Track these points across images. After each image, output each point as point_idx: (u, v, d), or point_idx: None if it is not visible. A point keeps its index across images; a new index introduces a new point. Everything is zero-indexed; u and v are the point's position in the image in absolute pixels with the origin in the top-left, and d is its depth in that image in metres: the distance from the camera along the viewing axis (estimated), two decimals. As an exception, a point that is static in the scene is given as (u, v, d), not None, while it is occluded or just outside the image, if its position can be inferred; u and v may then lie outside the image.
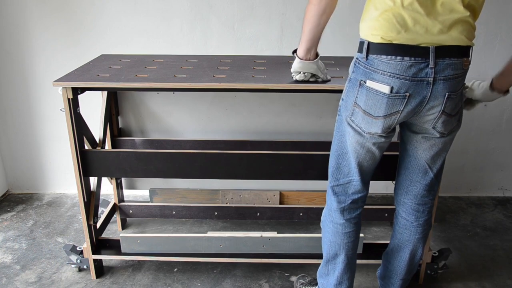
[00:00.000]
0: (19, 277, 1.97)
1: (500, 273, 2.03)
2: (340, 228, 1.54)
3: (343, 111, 1.40)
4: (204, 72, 1.80)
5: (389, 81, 1.25)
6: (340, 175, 1.50)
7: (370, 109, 1.31)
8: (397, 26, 1.22)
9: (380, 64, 1.26)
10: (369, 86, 1.29)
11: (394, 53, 1.23)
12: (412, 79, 1.24)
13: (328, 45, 2.32)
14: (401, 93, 1.26)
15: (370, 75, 1.28)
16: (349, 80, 1.37)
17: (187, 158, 1.79)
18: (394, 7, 1.21)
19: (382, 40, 1.23)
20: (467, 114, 2.46)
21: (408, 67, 1.23)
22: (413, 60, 1.23)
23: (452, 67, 1.26)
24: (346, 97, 1.38)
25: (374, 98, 1.29)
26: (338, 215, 1.53)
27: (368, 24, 1.27)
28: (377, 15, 1.24)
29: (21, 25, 2.32)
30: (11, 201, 2.61)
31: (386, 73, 1.25)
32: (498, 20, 2.29)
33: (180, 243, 1.91)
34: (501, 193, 2.71)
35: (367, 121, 1.33)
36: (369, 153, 1.42)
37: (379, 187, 2.66)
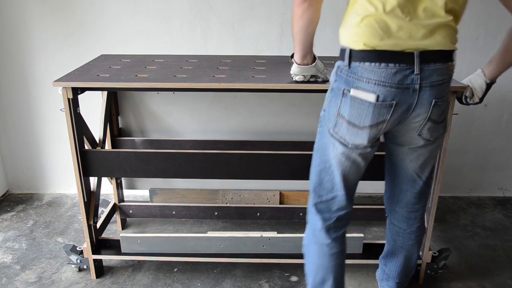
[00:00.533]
0: (19, 277, 1.97)
1: (500, 273, 2.03)
2: (326, 249, 1.45)
3: (325, 122, 1.34)
4: (204, 72, 1.80)
5: (375, 89, 1.21)
6: (324, 191, 1.41)
7: (355, 119, 1.25)
8: (380, 32, 1.18)
9: (364, 72, 1.21)
10: (353, 95, 1.23)
11: (378, 60, 1.19)
12: (398, 86, 1.20)
13: (328, 45, 2.32)
14: (387, 101, 1.21)
15: (354, 83, 1.23)
16: (331, 89, 1.31)
17: (187, 158, 1.79)
18: (376, 13, 1.17)
19: (365, 47, 1.19)
20: (467, 114, 2.47)
21: (393, 74, 1.19)
22: (398, 67, 1.19)
23: (438, 72, 1.23)
24: (328, 107, 1.32)
25: (360, 107, 1.23)
26: (324, 234, 1.44)
27: (349, 31, 1.23)
28: (358, 21, 1.20)
29: (21, 25, 2.32)
30: (11, 201, 2.61)
31: (371, 80, 1.20)
32: (498, 20, 2.29)
33: (180, 243, 1.91)
34: (501, 193, 2.71)
35: (352, 132, 1.28)
36: (355, 165, 1.35)
37: (379, 187, 2.65)
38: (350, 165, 1.35)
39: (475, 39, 2.32)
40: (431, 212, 1.82)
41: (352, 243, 1.91)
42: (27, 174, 2.65)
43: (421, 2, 1.17)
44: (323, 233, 1.44)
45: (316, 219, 1.45)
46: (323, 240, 1.45)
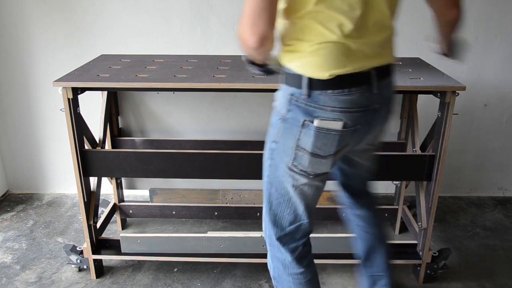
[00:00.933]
0: (19, 277, 1.97)
1: (500, 273, 2.03)
2: (301, 278, 1.36)
3: (279, 156, 1.22)
4: (204, 72, 1.80)
5: (341, 117, 1.13)
6: (286, 224, 1.32)
7: (319, 150, 1.17)
8: (341, 58, 1.10)
9: (327, 101, 1.12)
10: (318, 125, 1.14)
11: (341, 86, 1.11)
12: (360, 110, 1.15)
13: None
14: (353, 126, 1.16)
15: (315, 113, 1.13)
16: (284, 120, 1.19)
17: (187, 158, 1.79)
18: (335, 38, 1.08)
19: (328, 75, 1.10)
20: (467, 114, 2.47)
21: (357, 98, 1.13)
22: (359, 90, 1.13)
23: (389, 86, 1.22)
24: (282, 139, 1.21)
25: (325, 137, 1.15)
26: (295, 265, 1.35)
27: (307, 59, 1.11)
28: (316, 49, 1.10)
29: (21, 25, 2.32)
30: (11, 201, 2.61)
31: (336, 109, 1.12)
32: (498, 20, 2.29)
33: (180, 243, 1.91)
34: (501, 193, 2.71)
35: (315, 162, 1.19)
36: (317, 191, 1.29)
37: (379, 187, 2.65)
38: (312, 193, 1.29)
39: (475, 39, 2.32)
40: (431, 212, 1.82)
41: (352, 243, 1.91)
42: (27, 174, 2.65)
43: (372, 17, 1.11)
44: (294, 264, 1.36)
45: (283, 252, 1.35)
46: (296, 270, 1.36)
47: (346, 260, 1.92)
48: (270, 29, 1.05)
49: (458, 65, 2.37)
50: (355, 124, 1.16)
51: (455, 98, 1.65)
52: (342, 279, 1.97)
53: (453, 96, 1.64)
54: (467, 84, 2.03)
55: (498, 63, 2.38)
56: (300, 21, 1.09)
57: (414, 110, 2.00)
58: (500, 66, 2.38)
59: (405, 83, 1.67)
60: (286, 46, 1.16)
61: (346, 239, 1.91)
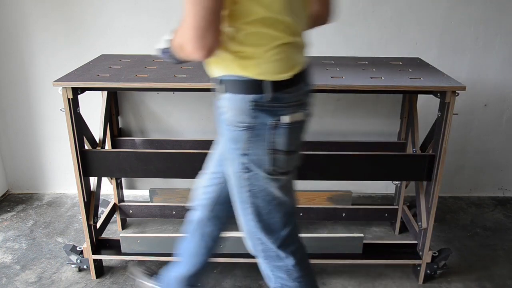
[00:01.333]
0: (19, 277, 1.97)
1: (500, 273, 2.03)
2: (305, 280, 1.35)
3: (255, 166, 1.18)
4: (204, 72, 1.79)
5: (303, 108, 1.20)
6: (281, 228, 1.29)
7: (292, 146, 1.18)
8: (296, 56, 1.15)
9: (291, 97, 1.15)
10: (287, 121, 1.15)
11: (298, 81, 1.17)
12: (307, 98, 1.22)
13: (328, 45, 2.32)
14: (309, 114, 1.23)
15: (282, 111, 1.14)
16: (250, 128, 1.15)
17: (187, 158, 1.79)
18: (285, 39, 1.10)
19: (288, 75, 1.13)
20: (467, 114, 2.47)
21: (305, 89, 1.20)
22: (305, 81, 1.20)
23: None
24: (253, 149, 1.16)
25: (295, 131, 1.18)
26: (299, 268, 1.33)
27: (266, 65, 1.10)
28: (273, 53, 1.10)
29: (20, 25, 2.32)
30: (11, 201, 2.61)
31: (297, 102, 1.17)
32: (498, 20, 2.29)
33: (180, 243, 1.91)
34: (501, 193, 2.71)
35: (290, 159, 1.21)
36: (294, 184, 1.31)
37: (379, 187, 2.66)
38: (293, 188, 1.30)
39: (475, 39, 2.32)
40: (431, 212, 1.82)
41: (352, 243, 1.91)
42: (27, 174, 2.65)
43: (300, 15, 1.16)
44: (298, 267, 1.32)
45: (285, 258, 1.31)
46: (299, 273, 1.33)
47: (346, 260, 1.92)
48: (218, 41, 1.03)
49: (458, 65, 2.37)
50: (309, 113, 1.23)
51: (455, 98, 1.65)
52: (342, 279, 1.97)
53: (453, 96, 1.64)
54: (467, 84, 2.04)
55: (498, 63, 2.38)
56: (248, 27, 1.07)
57: (414, 110, 2.00)
58: (500, 66, 2.38)
59: (405, 83, 1.67)
60: (234, 53, 1.11)
61: (346, 239, 1.91)
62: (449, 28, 2.30)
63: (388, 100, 2.36)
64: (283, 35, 1.10)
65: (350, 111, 2.40)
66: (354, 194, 2.60)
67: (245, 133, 1.15)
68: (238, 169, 1.20)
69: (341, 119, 2.41)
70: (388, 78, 1.73)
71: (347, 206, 2.30)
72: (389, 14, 2.27)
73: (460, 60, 2.36)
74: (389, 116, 2.37)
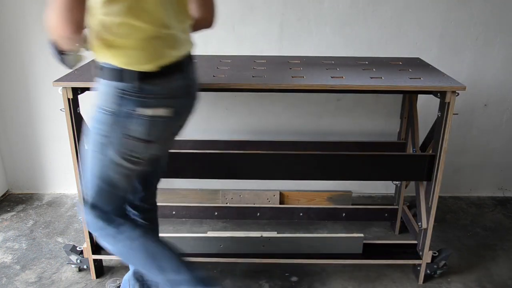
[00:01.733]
0: (19, 277, 1.97)
1: (500, 273, 2.03)
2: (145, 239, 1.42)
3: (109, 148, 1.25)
4: (204, 72, 1.80)
5: (170, 103, 1.23)
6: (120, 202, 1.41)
7: (149, 136, 1.24)
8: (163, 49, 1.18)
9: (157, 90, 1.20)
10: (148, 114, 1.20)
11: (167, 75, 1.20)
12: (183, 95, 1.27)
13: (328, 45, 2.32)
14: (178, 111, 1.27)
15: (145, 103, 1.20)
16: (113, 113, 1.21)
17: (187, 158, 1.79)
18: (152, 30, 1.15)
19: (154, 67, 1.18)
20: (467, 114, 2.47)
21: (180, 84, 1.24)
22: (180, 76, 1.24)
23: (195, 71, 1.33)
24: (113, 132, 1.23)
25: (156, 124, 1.23)
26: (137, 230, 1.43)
27: (133, 55, 1.17)
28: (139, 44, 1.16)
29: (20, 25, 2.32)
30: (11, 201, 2.61)
31: (165, 96, 1.21)
32: (498, 20, 2.29)
33: (180, 243, 1.91)
34: (501, 193, 2.71)
35: (146, 148, 1.27)
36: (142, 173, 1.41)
37: (379, 187, 2.66)
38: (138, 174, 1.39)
39: (475, 39, 2.32)
40: (431, 212, 1.82)
41: (352, 243, 1.91)
42: (27, 174, 2.65)
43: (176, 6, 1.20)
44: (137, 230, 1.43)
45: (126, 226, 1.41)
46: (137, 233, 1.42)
47: (346, 260, 1.93)
48: (84, 16, 1.08)
49: (458, 65, 2.37)
50: (180, 109, 1.28)
51: (455, 98, 1.65)
52: (342, 279, 1.97)
53: (453, 96, 1.64)
54: (467, 84, 2.04)
55: (498, 63, 2.38)
56: (118, 17, 1.12)
57: (414, 110, 2.00)
58: (500, 66, 2.38)
59: (405, 83, 1.67)
60: (106, 42, 1.17)
61: (346, 239, 1.91)
62: (449, 28, 2.30)
63: (388, 100, 2.36)
64: (150, 27, 1.14)
65: (350, 111, 2.40)
66: (354, 194, 2.60)
67: (109, 117, 1.21)
68: (95, 147, 1.27)
69: (341, 119, 2.41)
70: (388, 78, 1.73)
71: (347, 206, 2.30)
72: (389, 14, 2.27)
73: (460, 60, 2.36)
74: (389, 116, 2.37)
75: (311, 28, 2.28)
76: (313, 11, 2.25)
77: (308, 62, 1.98)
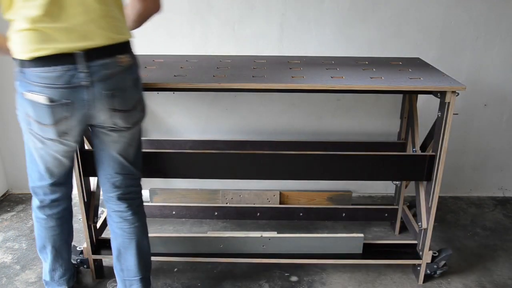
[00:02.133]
0: (19, 277, 1.97)
1: (500, 273, 2.04)
2: (43, 223, 1.63)
3: (22, 122, 1.42)
4: (204, 72, 1.80)
5: (45, 92, 1.28)
6: (35, 179, 1.56)
7: (39, 118, 1.33)
8: (34, 42, 1.24)
9: (34, 77, 1.28)
10: (29, 98, 1.31)
11: (42, 65, 1.26)
12: (67, 87, 1.28)
13: (328, 45, 2.32)
14: (61, 101, 1.30)
15: (29, 87, 1.30)
16: (18, 92, 1.37)
17: (187, 158, 1.79)
18: (29, 22, 1.22)
19: (29, 57, 1.26)
20: (467, 114, 2.47)
21: (60, 76, 1.27)
22: (63, 68, 1.26)
23: (105, 67, 1.31)
24: (19, 107, 1.39)
25: (38, 108, 1.31)
26: (39, 211, 1.61)
27: (14, 39, 1.29)
28: (18, 30, 1.25)
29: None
30: (11, 201, 2.61)
31: (41, 84, 1.28)
32: (498, 20, 2.29)
33: (180, 243, 1.91)
34: (501, 193, 2.71)
35: (42, 129, 1.36)
36: (56, 160, 1.48)
37: (379, 187, 2.66)
38: (52, 161, 1.48)
39: (475, 39, 2.32)
40: (431, 212, 1.82)
41: (352, 243, 1.91)
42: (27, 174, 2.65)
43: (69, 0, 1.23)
44: (39, 210, 1.62)
45: (34, 198, 1.61)
46: (39, 215, 1.63)
47: (346, 260, 1.93)
48: None
49: (458, 65, 2.37)
50: (62, 99, 1.30)
51: (455, 98, 1.65)
52: (342, 279, 1.97)
53: (453, 96, 1.64)
54: (467, 84, 2.04)
55: (498, 63, 2.38)
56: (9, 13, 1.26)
57: (414, 110, 2.00)
58: (500, 66, 2.38)
59: (405, 83, 1.67)
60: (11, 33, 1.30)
61: (346, 239, 1.91)
62: (449, 28, 2.30)
63: (388, 100, 2.36)
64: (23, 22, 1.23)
65: (350, 111, 2.40)
66: (354, 194, 2.60)
67: (18, 95, 1.37)
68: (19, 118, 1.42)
69: (341, 119, 2.41)
70: (388, 78, 1.73)
71: (347, 206, 2.30)
72: (389, 14, 2.27)
73: (460, 60, 2.36)
74: (389, 116, 2.37)
75: (311, 28, 2.28)
76: (313, 11, 2.26)
77: (308, 62, 1.98)
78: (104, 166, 1.55)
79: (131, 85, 1.41)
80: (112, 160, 1.52)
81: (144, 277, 1.68)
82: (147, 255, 1.70)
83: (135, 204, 1.62)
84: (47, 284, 1.76)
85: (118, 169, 1.54)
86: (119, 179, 1.56)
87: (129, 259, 1.65)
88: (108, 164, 1.54)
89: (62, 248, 1.70)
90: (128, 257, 1.65)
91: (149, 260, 1.72)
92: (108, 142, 1.49)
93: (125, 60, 1.37)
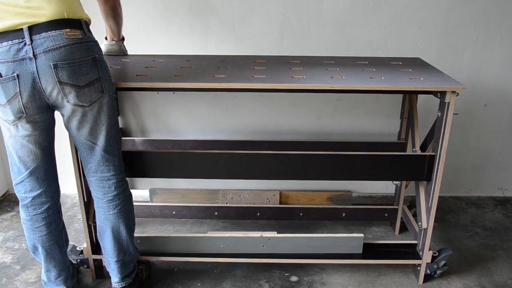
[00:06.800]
0: (19, 277, 1.97)
1: (500, 273, 2.04)
2: (28, 224, 1.62)
3: None
4: (204, 72, 1.80)
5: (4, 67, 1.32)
6: (15, 173, 1.58)
7: None
8: None
9: None
10: None
11: None
12: (14, 60, 1.32)
13: (328, 45, 2.32)
14: (9, 75, 1.33)
15: None
16: None
17: (187, 158, 1.79)
18: None
19: None
20: (467, 114, 2.47)
21: (8, 50, 1.31)
22: (10, 43, 1.31)
23: (51, 39, 1.34)
24: None
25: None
26: (24, 212, 1.62)
27: None
28: None
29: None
30: (11, 201, 2.61)
31: None
32: (498, 20, 2.29)
33: (180, 243, 1.91)
34: (501, 193, 2.71)
35: (2, 111, 1.41)
36: (24, 147, 1.49)
37: (379, 187, 2.66)
38: (21, 150, 1.50)
39: (475, 39, 2.32)
40: (431, 212, 1.82)
41: (352, 243, 1.91)
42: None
43: None
44: (23, 211, 1.62)
45: (18, 198, 1.62)
46: (24, 216, 1.63)
47: (346, 260, 1.93)
48: None
49: (458, 65, 2.37)
50: (11, 73, 1.33)
51: (455, 98, 1.65)
52: (342, 279, 1.97)
53: (453, 96, 1.64)
54: (467, 84, 2.04)
55: (498, 63, 2.38)
56: None
57: (414, 110, 2.00)
58: (500, 66, 2.39)
59: (405, 83, 1.67)
60: None
61: (346, 239, 1.91)
62: (449, 28, 2.30)
63: (388, 100, 2.36)
64: None
65: (350, 111, 2.40)
66: (354, 194, 2.60)
67: None
68: None
69: (341, 119, 2.41)
70: (388, 78, 1.73)
71: (347, 206, 2.30)
72: (389, 14, 2.27)
73: (460, 60, 2.37)
74: (389, 116, 2.37)
75: (311, 28, 2.29)
76: (313, 11, 2.26)
77: (308, 62, 1.99)
78: (80, 152, 1.60)
79: (86, 62, 1.41)
80: (82, 146, 1.56)
81: (121, 261, 1.73)
82: (126, 242, 1.72)
83: (111, 194, 1.64)
84: (45, 284, 1.77)
85: (90, 155, 1.57)
86: (93, 165, 1.59)
87: (106, 242, 1.71)
88: (81, 150, 1.58)
89: (53, 249, 1.69)
90: (105, 240, 1.71)
91: (128, 246, 1.74)
92: (73, 128, 1.52)
93: (74, 34, 1.38)
